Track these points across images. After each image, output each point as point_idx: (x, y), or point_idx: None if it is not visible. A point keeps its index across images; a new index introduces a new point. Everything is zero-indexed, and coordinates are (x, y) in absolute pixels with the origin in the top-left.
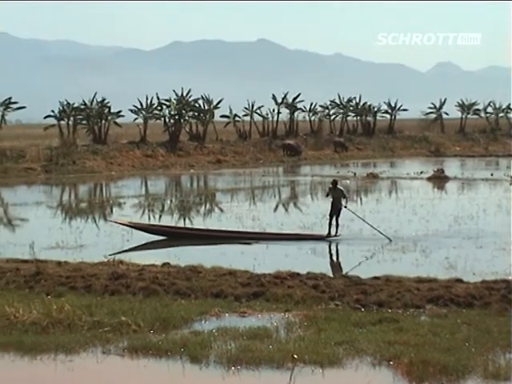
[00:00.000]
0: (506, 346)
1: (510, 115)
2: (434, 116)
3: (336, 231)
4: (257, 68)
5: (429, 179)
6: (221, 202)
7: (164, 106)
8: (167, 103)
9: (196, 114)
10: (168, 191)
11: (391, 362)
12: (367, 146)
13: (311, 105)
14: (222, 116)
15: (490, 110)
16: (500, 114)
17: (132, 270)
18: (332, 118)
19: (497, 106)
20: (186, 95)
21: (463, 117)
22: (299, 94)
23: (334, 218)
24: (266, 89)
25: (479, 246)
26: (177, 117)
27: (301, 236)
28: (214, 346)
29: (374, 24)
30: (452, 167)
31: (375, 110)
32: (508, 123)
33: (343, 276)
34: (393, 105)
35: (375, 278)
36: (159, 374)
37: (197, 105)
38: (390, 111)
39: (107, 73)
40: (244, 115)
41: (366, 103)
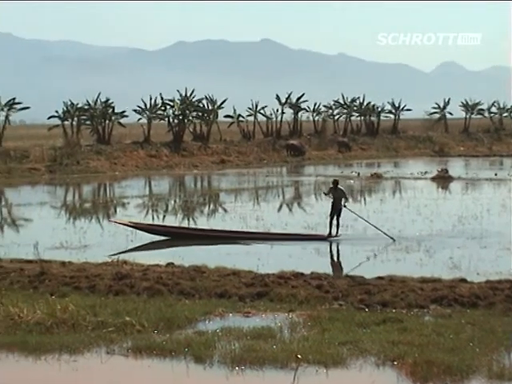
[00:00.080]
0: (510, 346)
1: None
2: (437, 116)
3: (337, 231)
4: (260, 68)
5: (433, 179)
6: (225, 202)
7: (168, 106)
8: (171, 103)
9: (200, 114)
10: (172, 191)
11: (395, 362)
12: (371, 146)
13: (315, 105)
14: (226, 116)
15: (494, 109)
16: (504, 114)
17: (136, 270)
18: (336, 118)
19: (501, 105)
20: (190, 95)
21: (467, 117)
22: (303, 94)
23: (335, 218)
24: (269, 89)
25: (483, 246)
26: (181, 117)
27: (302, 236)
28: (218, 346)
29: (377, 24)
30: (456, 167)
31: (379, 110)
32: None
33: (347, 276)
34: (397, 105)
35: (379, 278)
36: (163, 374)
37: (201, 105)
38: (393, 111)
39: (111, 73)
40: (248, 115)
41: (369, 103)
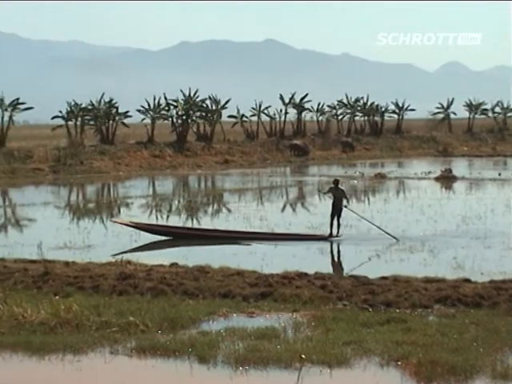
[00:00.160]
0: None
1: None
2: (441, 116)
3: (337, 231)
4: (264, 68)
5: (436, 179)
6: (228, 202)
7: (171, 107)
8: (175, 103)
9: (203, 114)
10: (175, 191)
11: (399, 363)
12: (375, 146)
13: (319, 105)
14: (230, 116)
15: (497, 109)
16: (508, 114)
17: (140, 271)
18: (339, 118)
19: (505, 105)
20: (194, 95)
21: (471, 117)
22: (307, 94)
23: (336, 218)
24: (273, 89)
25: (487, 246)
26: (184, 117)
27: (302, 236)
28: (222, 346)
29: (380, 24)
30: (460, 167)
31: (383, 109)
32: None
33: (351, 276)
34: (400, 105)
35: (383, 278)
36: (167, 374)
37: (204, 105)
38: (397, 111)
39: (115, 73)
40: (251, 115)
41: (373, 103)
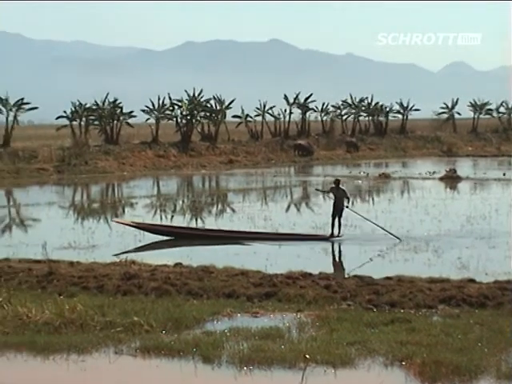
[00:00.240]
0: None
1: None
2: (446, 116)
3: (339, 231)
4: (268, 68)
5: (441, 179)
6: (233, 202)
7: (176, 107)
8: (179, 103)
9: (208, 114)
10: (180, 191)
11: (403, 363)
12: (379, 146)
13: (323, 105)
14: (234, 116)
15: (502, 109)
16: None
17: (144, 271)
18: (344, 118)
19: (509, 105)
20: (198, 95)
21: (475, 117)
22: (311, 94)
23: (337, 218)
24: (277, 89)
25: (492, 246)
26: (189, 117)
27: (304, 236)
28: (227, 346)
29: (383, 24)
30: (464, 167)
31: (387, 110)
32: None
33: (355, 276)
34: (405, 105)
35: (387, 278)
36: (171, 374)
37: (209, 105)
38: (402, 111)
39: (119, 73)
40: (256, 115)
41: (377, 103)
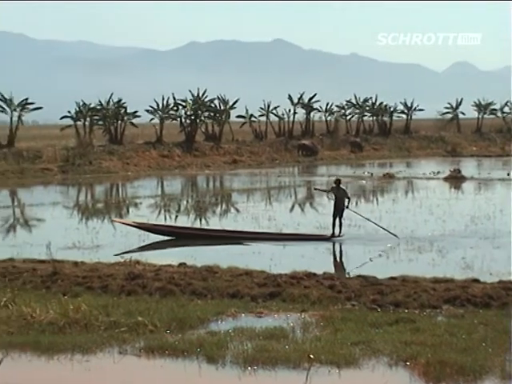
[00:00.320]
0: None
1: None
2: (450, 116)
3: (340, 231)
4: (272, 68)
5: (445, 179)
6: (237, 202)
7: (180, 107)
8: (183, 103)
9: (212, 114)
10: (184, 191)
11: (408, 363)
12: (383, 146)
13: (327, 105)
14: (238, 116)
15: (506, 109)
16: None
17: (148, 271)
18: (348, 118)
19: None
20: (202, 95)
21: (480, 117)
22: (315, 94)
23: (338, 218)
24: (281, 89)
25: (496, 246)
26: (193, 117)
27: (305, 236)
28: (231, 346)
29: (386, 24)
30: (468, 167)
31: (391, 110)
32: None
33: (359, 276)
34: (409, 105)
35: (391, 278)
36: (176, 374)
37: (213, 105)
38: (406, 111)
39: (123, 73)
40: (260, 115)
41: (382, 103)
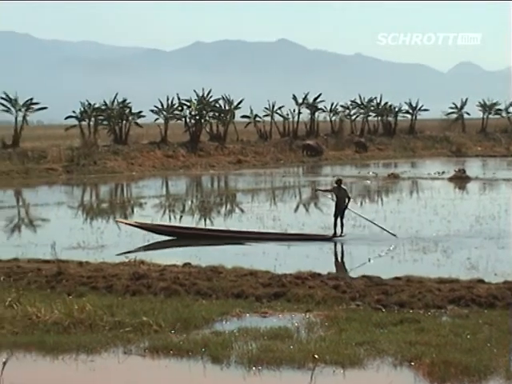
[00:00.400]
0: None
1: None
2: (455, 116)
3: (341, 231)
4: (277, 68)
5: (450, 179)
6: (241, 202)
7: (185, 107)
8: (188, 103)
9: (217, 114)
10: (189, 191)
11: (412, 363)
12: (388, 146)
13: (332, 105)
14: (243, 116)
15: (511, 109)
16: None
17: (153, 271)
18: (353, 118)
19: None
20: (207, 95)
21: (485, 117)
22: (320, 95)
23: (339, 218)
24: (286, 89)
25: (501, 247)
26: (197, 117)
27: (306, 236)
28: (235, 347)
29: (388, 24)
30: (473, 167)
31: (396, 110)
32: None
33: (364, 276)
34: (414, 105)
35: (396, 278)
36: (180, 374)
37: (217, 105)
38: (411, 111)
39: (128, 73)
40: (265, 115)
41: (386, 103)
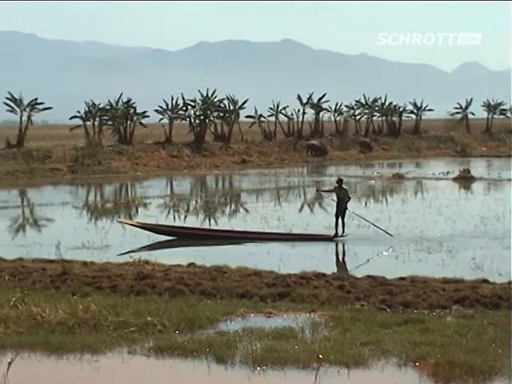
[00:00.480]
0: None
1: None
2: (459, 116)
3: (343, 231)
4: (282, 68)
5: (455, 179)
6: (246, 202)
7: (189, 107)
8: (192, 103)
9: (221, 114)
10: (193, 192)
11: (417, 363)
12: (393, 146)
13: (336, 105)
14: (247, 116)
15: None
16: None
17: (158, 271)
18: (357, 118)
19: None
20: (211, 95)
21: (489, 117)
22: (324, 95)
23: (340, 218)
24: (291, 89)
25: (506, 247)
26: (202, 117)
27: (308, 236)
28: (240, 347)
29: (389, 24)
30: (478, 167)
31: (401, 110)
32: None
33: (368, 276)
34: (418, 105)
35: (401, 278)
36: (185, 374)
37: (222, 105)
38: (415, 111)
39: (133, 73)
40: (269, 115)
41: (391, 103)
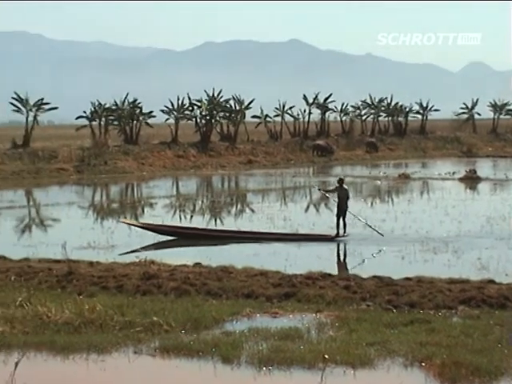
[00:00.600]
0: None
1: None
2: (465, 116)
3: (344, 231)
4: (288, 68)
5: (461, 180)
6: (252, 202)
7: (195, 107)
8: (198, 104)
9: (227, 114)
10: (199, 192)
11: (423, 363)
12: (399, 146)
13: (342, 105)
14: (253, 116)
15: None
16: None
17: (163, 271)
18: (363, 118)
19: None
20: (217, 96)
21: (495, 117)
22: (330, 95)
23: (342, 218)
24: (297, 89)
25: None
26: (208, 117)
27: (309, 236)
28: (246, 347)
29: (390, 24)
30: (484, 168)
31: (407, 110)
32: None
33: (374, 277)
34: (424, 105)
35: (407, 278)
36: (191, 374)
37: (228, 105)
38: (421, 111)
39: (139, 73)
40: (275, 116)
41: (397, 103)
